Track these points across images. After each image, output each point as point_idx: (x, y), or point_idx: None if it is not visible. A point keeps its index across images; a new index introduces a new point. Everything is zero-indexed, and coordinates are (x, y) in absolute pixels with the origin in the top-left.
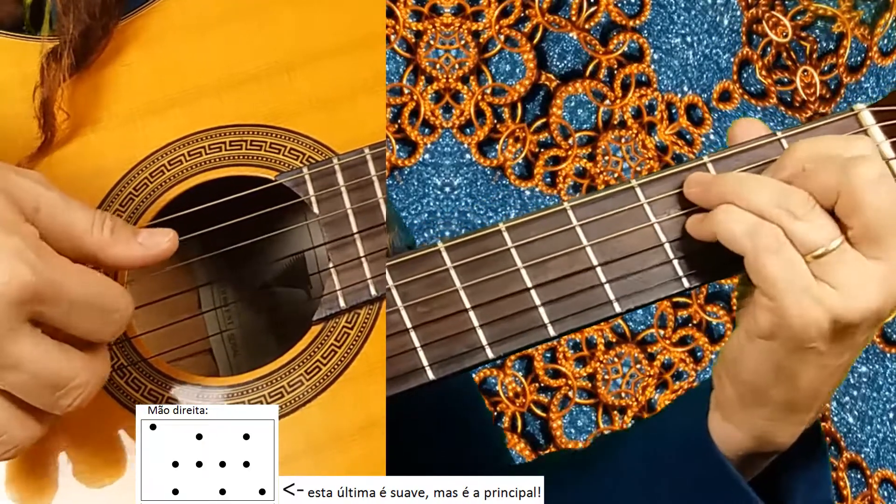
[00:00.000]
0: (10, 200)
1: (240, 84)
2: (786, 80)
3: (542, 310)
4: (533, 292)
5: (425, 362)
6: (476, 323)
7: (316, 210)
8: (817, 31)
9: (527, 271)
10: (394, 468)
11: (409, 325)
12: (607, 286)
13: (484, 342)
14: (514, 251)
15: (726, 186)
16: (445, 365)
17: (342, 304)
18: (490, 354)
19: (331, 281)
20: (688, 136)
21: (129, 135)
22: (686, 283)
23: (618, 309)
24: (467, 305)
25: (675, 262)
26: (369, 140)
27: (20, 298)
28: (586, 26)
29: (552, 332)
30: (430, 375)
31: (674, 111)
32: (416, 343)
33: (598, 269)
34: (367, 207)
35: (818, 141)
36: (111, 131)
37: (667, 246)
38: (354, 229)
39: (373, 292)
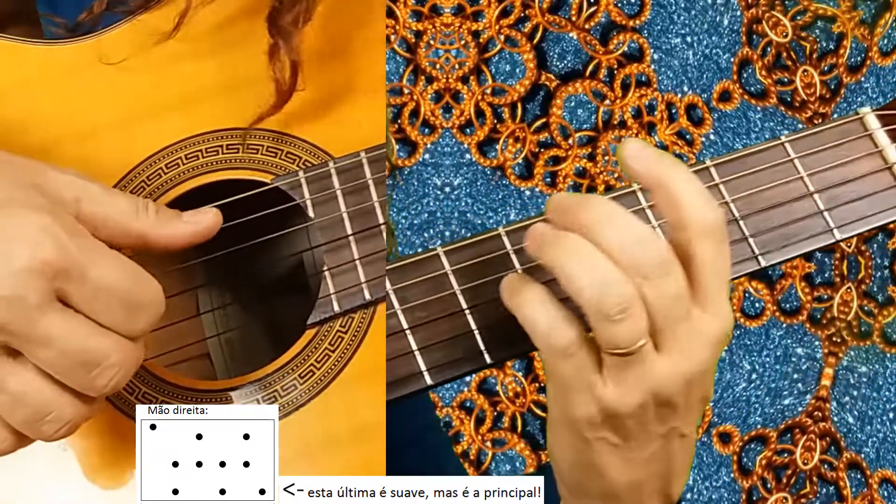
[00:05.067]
0: (48, 194)
1: (238, 87)
2: (786, 80)
3: None
4: None
5: (423, 367)
6: (474, 326)
7: (311, 213)
8: (817, 31)
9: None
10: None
11: (406, 327)
12: None
13: (482, 347)
14: (513, 255)
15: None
16: (443, 370)
17: (336, 307)
18: (488, 360)
19: (325, 284)
20: (688, 136)
21: (127, 138)
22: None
23: None
24: (465, 308)
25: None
26: (366, 143)
27: (43, 273)
28: (586, 26)
29: None
30: (428, 380)
31: (674, 111)
32: (414, 346)
33: None
34: (363, 211)
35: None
36: (109, 134)
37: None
38: (349, 232)
39: (367, 296)
